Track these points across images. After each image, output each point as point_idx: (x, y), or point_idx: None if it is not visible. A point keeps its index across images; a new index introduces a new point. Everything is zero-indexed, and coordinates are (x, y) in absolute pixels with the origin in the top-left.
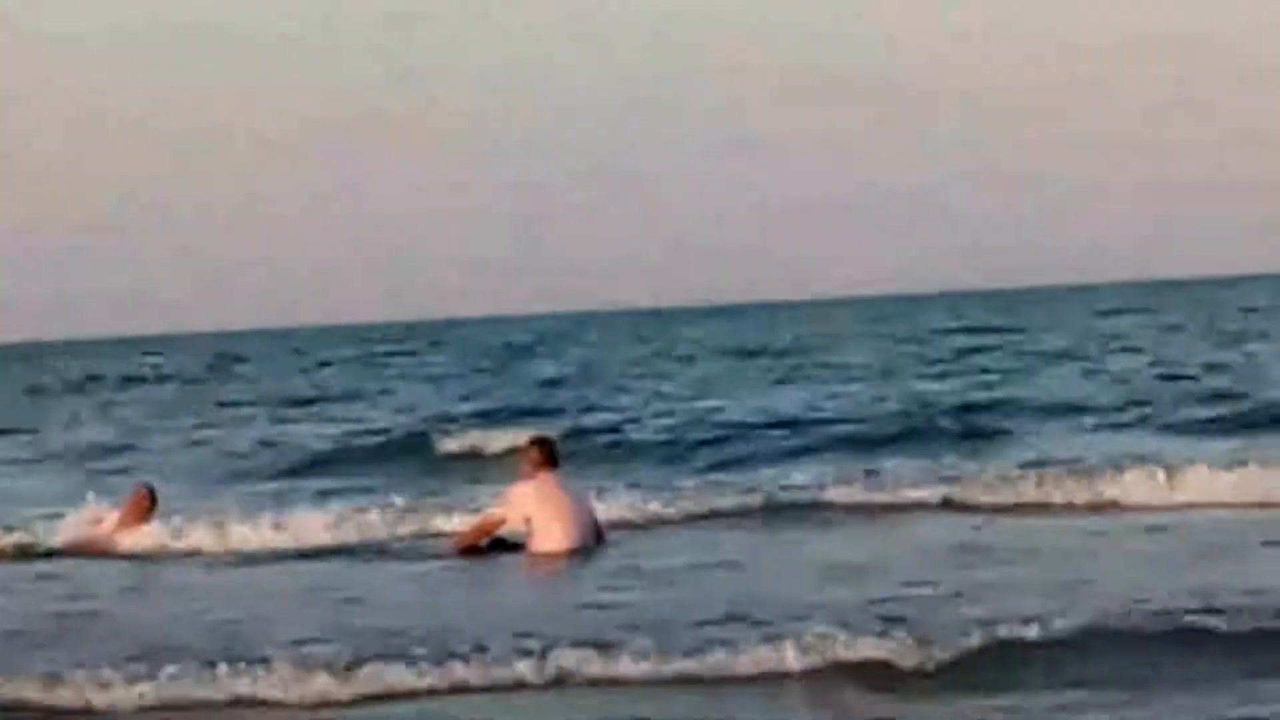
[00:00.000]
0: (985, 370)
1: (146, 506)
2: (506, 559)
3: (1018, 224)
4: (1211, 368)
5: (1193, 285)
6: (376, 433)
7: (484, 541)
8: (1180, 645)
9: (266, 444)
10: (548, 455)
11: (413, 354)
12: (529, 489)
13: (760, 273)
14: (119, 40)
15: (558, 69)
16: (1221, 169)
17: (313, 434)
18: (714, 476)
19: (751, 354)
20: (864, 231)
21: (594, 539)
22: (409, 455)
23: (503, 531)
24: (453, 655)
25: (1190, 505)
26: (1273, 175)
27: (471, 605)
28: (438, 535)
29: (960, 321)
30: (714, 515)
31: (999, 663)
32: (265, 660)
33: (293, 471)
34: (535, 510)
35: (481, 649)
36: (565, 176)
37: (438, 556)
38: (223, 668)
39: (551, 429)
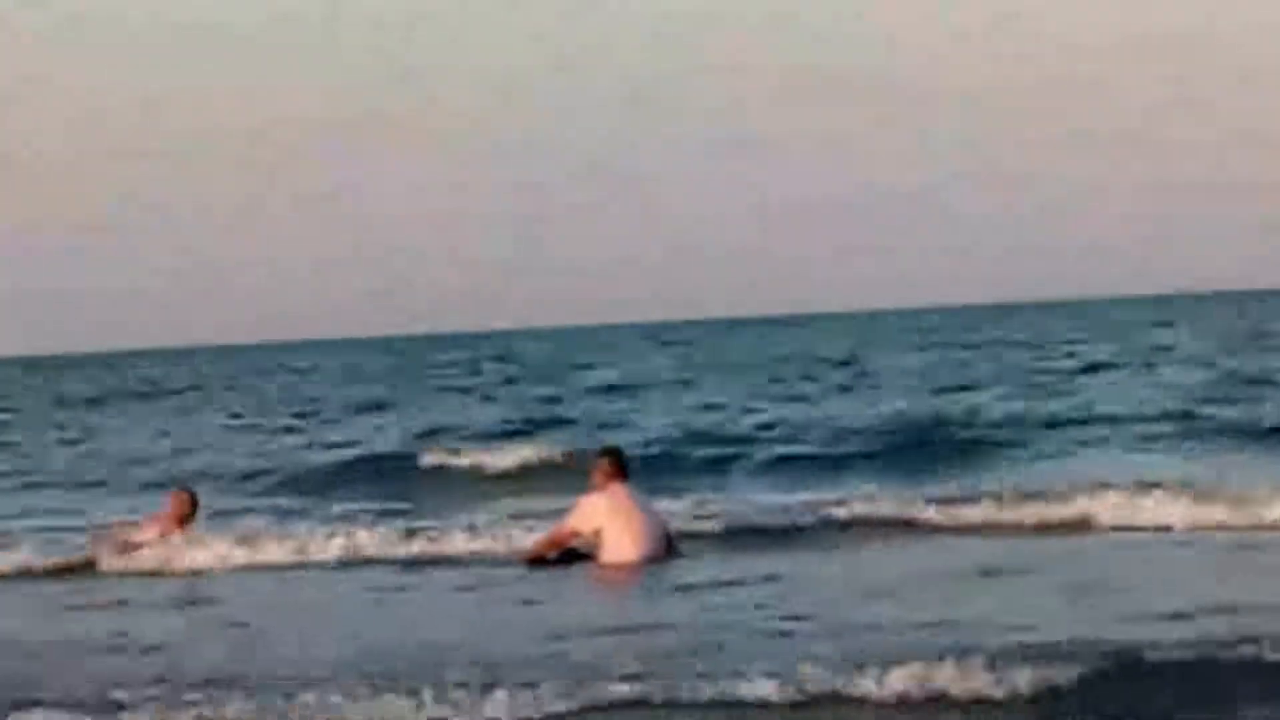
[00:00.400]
0: (1026, 384)
1: (187, 511)
2: (576, 570)
3: (1017, 224)
4: (1255, 381)
5: (1228, 298)
6: (362, 447)
7: (552, 554)
8: (1223, 673)
9: (262, 460)
10: (618, 466)
11: (439, 366)
12: (600, 500)
13: (760, 274)
14: (117, 39)
15: (557, 69)
16: (1221, 169)
17: (305, 450)
18: (740, 492)
19: (785, 365)
20: (864, 233)
21: (664, 551)
22: (396, 473)
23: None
24: (480, 684)
25: (1222, 526)
26: (1272, 175)
27: (515, 624)
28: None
29: (992, 333)
30: (740, 532)
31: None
32: (326, 681)
33: (283, 488)
34: (606, 522)
35: (524, 679)
36: (565, 176)
37: (507, 566)
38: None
39: (561, 444)
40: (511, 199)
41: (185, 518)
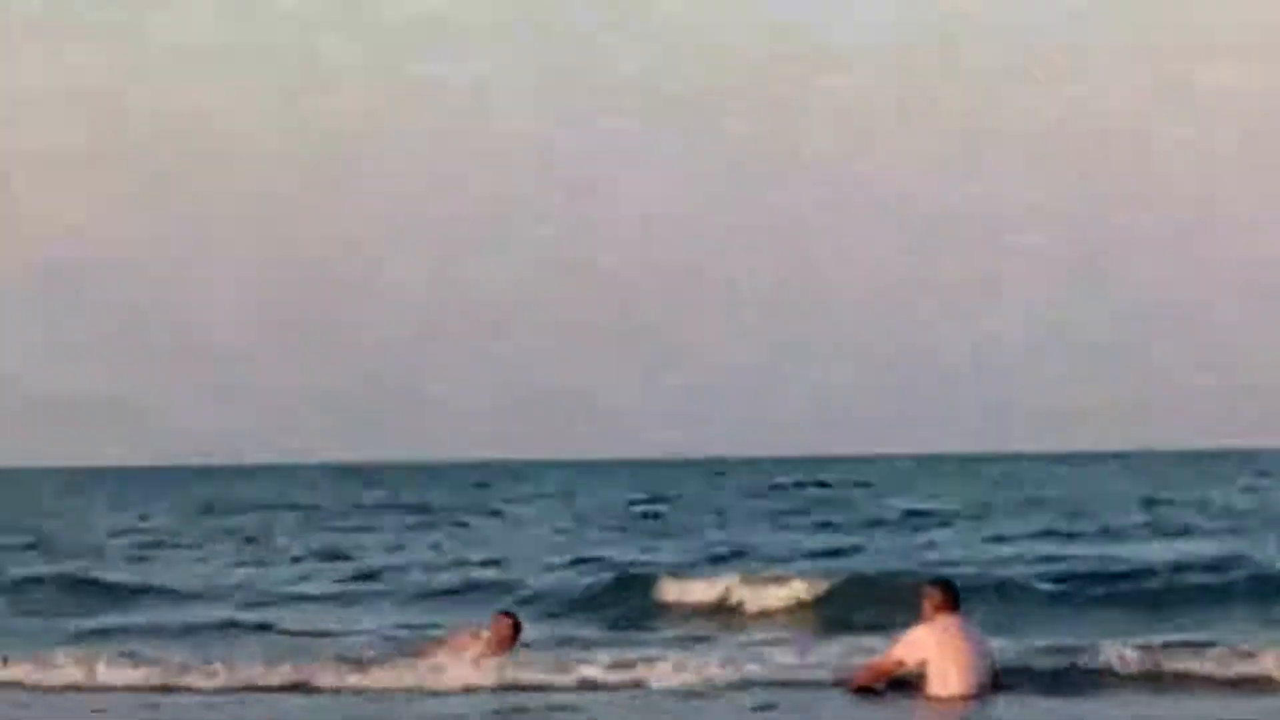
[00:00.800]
0: None
1: (510, 635)
2: (903, 702)
3: None
4: None
5: None
6: (648, 568)
7: (879, 684)
8: None
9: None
10: (949, 598)
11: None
12: (928, 632)
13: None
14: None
15: None
16: None
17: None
18: (1027, 630)
19: (1088, 501)
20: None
21: (991, 686)
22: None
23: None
24: None
25: None
26: None
27: None
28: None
29: None
30: (1032, 673)
31: None
32: None
33: (563, 607)
34: (933, 654)
35: None
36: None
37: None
38: None
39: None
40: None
41: (509, 643)
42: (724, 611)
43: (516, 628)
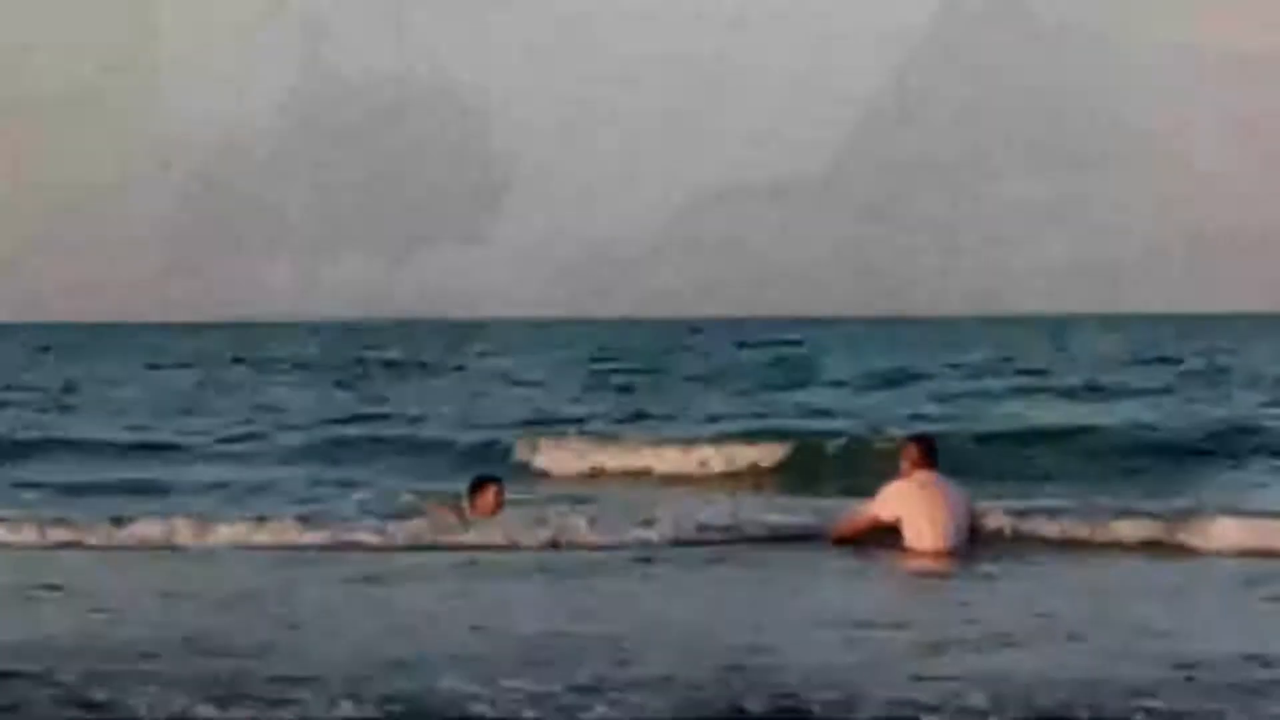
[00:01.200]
0: None
1: (497, 501)
2: (880, 556)
3: None
4: None
5: None
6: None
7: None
8: None
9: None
10: (925, 454)
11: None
12: (904, 487)
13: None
14: None
15: None
16: None
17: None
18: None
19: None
20: None
21: (968, 541)
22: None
23: None
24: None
25: None
26: None
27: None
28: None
29: None
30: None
31: None
32: None
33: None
34: (908, 510)
35: None
36: None
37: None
38: None
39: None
40: None
41: (494, 509)
42: (667, 476)
43: (501, 493)
